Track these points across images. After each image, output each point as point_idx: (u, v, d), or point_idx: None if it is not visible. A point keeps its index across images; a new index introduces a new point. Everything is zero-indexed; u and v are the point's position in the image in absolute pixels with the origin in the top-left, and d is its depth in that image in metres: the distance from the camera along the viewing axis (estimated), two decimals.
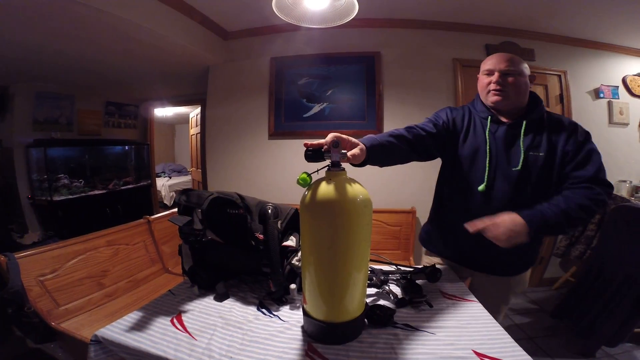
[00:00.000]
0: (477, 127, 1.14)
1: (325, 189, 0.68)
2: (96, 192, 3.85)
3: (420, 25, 2.54)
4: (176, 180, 6.51)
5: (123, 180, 4.26)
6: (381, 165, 1.03)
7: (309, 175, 0.71)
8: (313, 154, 0.71)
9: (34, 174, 3.44)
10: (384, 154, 0.98)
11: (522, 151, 1.04)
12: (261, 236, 0.90)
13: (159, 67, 3.11)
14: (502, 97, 1.07)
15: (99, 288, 1.74)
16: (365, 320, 0.83)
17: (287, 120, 2.75)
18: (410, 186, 2.55)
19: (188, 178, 6.47)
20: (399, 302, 0.92)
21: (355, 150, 0.79)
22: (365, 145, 0.86)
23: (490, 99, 1.10)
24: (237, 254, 1.02)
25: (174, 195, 6.12)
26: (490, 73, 1.10)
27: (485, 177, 1.08)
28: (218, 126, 2.97)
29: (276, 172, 2.81)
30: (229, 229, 1.00)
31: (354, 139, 0.82)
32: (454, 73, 2.53)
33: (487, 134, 1.10)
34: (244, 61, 2.86)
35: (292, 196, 2.63)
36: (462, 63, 2.53)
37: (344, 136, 0.78)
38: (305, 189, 0.72)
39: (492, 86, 1.08)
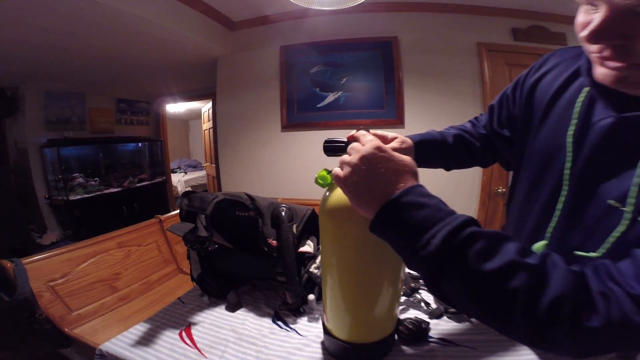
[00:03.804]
0: (563, 102, 0.54)
1: None
2: (112, 190, 3.85)
3: (440, 9, 2.35)
4: (192, 175, 6.54)
5: (138, 177, 4.26)
6: (447, 168, 0.82)
7: (329, 172, 0.56)
8: (334, 147, 0.59)
9: (50, 174, 3.46)
10: (442, 150, 0.76)
11: (632, 206, 0.41)
12: (274, 242, 0.80)
13: (167, 61, 3.04)
14: (618, 74, 0.40)
15: (111, 291, 1.70)
16: (395, 335, 0.72)
17: (299, 111, 2.63)
18: (439, 180, 2.26)
19: (203, 173, 6.48)
20: (433, 313, 0.81)
21: (392, 144, 0.65)
22: (413, 140, 0.71)
23: (597, 71, 0.43)
24: (249, 261, 0.92)
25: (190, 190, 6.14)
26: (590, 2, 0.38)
27: (550, 228, 0.53)
28: (229, 120, 2.89)
29: (290, 166, 2.71)
30: (239, 233, 0.90)
31: (395, 134, 0.67)
32: (479, 58, 2.34)
33: (572, 129, 0.50)
34: (253, 51, 2.75)
35: (307, 191, 2.54)
36: (487, 47, 2.33)
37: (380, 132, 0.65)
38: (326, 189, 0.59)
39: (594, 48, 0.41)
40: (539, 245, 0.55)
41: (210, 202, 0.79)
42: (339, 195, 0.54)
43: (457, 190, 2.41)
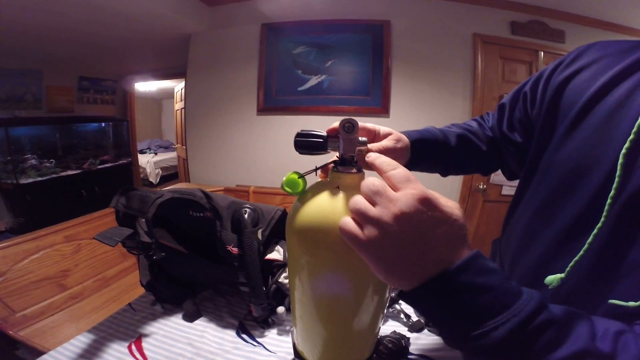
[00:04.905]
0: (606, 108, 0.42)
1: (329, 204, 0.38)
2: (69, 172, 3.58)
3: None
4: (162, 156, 6.26)
5: (100, 159, 4.02)
6: (444, 174, 0.69)
7: (301, 176, 0.41)
8: (309, 143, 0.42)
9: None
10: (442, 153, 0.64)
11: None
12: (235, 250, 0.66)
13: (135, 37, 2.78)
14: None
15: (60, 290, 1.54)
16: (374, 355, 0.61)
17: (278, 94, 2.45)
18: (428, 181, 2.26)
19: (175, 154, 6.22)
20: (414, 326, 0.73)
21: (386, 142, 0.52)
22: (410, 138, 0.58)
23: None
24: (207, 267, 0.78)
25: (160, 172, 5.87)
26: None
27: (573, 262, 0.41)
28: (200, 100, 2.68)
29: (266, 153, 2.55)
30: (193, 235, 0.75)
31: (388, 130, 0.54)
32: (473, 49, 2.23)
33: (627, 146, 0.36)
34: (231, 28, 2.54)
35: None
36: (483, 39, 2.23)
37: (370, 125, 0.52)
38: (296, 198, 0.43)
39: None
40: (553, 278, 0.45)
41: (152, 203, 0.62)
42: (315, 210, 0.38)
43: (438, 183, 2.33)
